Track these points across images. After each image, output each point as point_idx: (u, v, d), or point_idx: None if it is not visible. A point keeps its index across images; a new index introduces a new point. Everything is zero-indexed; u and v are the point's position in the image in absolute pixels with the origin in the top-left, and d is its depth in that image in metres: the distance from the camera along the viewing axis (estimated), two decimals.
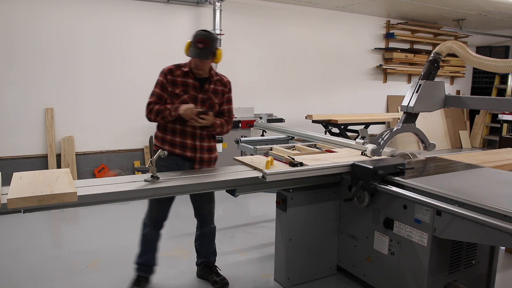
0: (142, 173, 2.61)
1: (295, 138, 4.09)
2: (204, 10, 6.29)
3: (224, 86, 2.88)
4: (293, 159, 2.71)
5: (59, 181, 2.20)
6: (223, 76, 2.92)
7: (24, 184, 2.14)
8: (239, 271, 3.25)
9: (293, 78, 7.38)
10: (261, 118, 4.75)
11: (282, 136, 4.18)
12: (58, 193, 2.01)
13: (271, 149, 3.34)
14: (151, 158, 2.40)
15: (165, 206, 2.86)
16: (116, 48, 5.74)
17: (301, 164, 2.67)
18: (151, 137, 2.45)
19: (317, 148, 3.49)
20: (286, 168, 2.62)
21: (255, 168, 2.68)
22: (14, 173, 2.31)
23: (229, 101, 2.95)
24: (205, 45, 2.67)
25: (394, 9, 7.57)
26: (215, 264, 3.13)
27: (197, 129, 2.79)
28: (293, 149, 3.34)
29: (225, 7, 6.14)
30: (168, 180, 2.47)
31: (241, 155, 3.58)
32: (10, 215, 2.79)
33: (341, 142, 3.41)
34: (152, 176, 2.42)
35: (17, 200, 1.93)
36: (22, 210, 2.05)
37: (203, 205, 3.00)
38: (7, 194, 1.98)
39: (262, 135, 4.79)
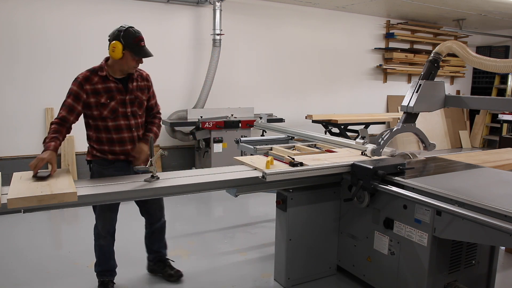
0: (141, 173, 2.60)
1: (295, 138, 4.09)
2: (204, 10, 6.30)
3: (146, 81, 2.78)
4: (293, 159, 2.71)
5: (59, 181, 2.21)
6: (141, 70, 2.79)
7: (24, 184, 2.14)
8: (239, 271, 3.25)
9: (293, 78, 7.38)
10: (261, 118, 4.75)
11: (282, 136, 4.18)
12: (58, 193, 2.01)
13: (271, 149, 3.33)
14: (151, 158, 2.40)
15: (115, 211, 2.82)
16: None
17: (301, 164, 2.67)
18: (151, 138, 2.45)
19: (317, 148, 3.49)
20: (286, 168, 2.62)
21: (255, 168, 2.68)
22: (14, 173, 2.32)
23: (154, 94, 2.86)
24: (144, 41, 2.62)
25: (394, 9, 7.57)
26: (167, 257, 3.12)
27: (133, 132, 2.69)
28: (293, 149, 3.34)
29: (225, 7, 6.14)
30: (168, 180, 2.46)
31: (241, 155, 3.58)
32: (10, 215, 2.79)
33: (341, 142, 3.41)
34: (152, 176, 2.42)
35: (17, 200, 1.93)
36: (22, 210, 2.05)
37: (151, 200, 2.89)
38: (7, 194, 1.98)
39: (262, 135, 4.78)
